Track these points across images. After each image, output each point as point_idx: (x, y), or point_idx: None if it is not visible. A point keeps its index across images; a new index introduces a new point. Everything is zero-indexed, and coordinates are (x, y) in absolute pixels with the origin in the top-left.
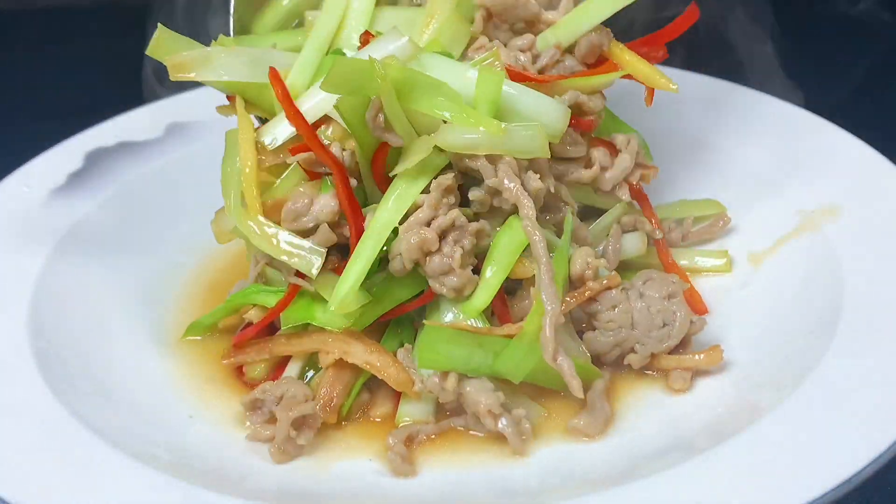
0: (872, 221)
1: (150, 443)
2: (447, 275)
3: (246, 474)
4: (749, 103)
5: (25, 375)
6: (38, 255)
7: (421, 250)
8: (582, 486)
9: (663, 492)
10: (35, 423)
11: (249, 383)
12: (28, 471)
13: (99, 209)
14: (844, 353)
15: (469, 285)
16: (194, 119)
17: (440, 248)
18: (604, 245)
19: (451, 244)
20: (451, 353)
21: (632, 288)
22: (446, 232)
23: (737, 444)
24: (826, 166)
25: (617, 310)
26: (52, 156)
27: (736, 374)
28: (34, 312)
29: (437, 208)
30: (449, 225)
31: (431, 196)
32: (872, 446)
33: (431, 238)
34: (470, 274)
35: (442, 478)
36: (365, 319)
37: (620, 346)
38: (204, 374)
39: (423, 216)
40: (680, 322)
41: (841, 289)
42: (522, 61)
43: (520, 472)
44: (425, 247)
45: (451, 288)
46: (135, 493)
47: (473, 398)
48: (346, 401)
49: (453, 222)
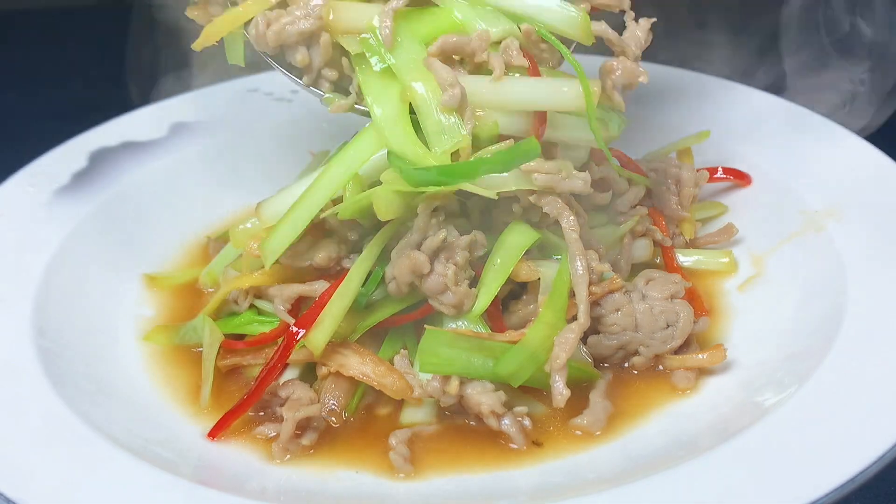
0: (876, 222)
1: (152, 441)
2: (443, 293)
3: (249, 474)
4: (752, 103)
5: (29, 374)
6: (42, 254)
7: (413, 273)
8: (584, 486)
9: (666, 491)
10: (38, 421)
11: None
12: (30, 469)
13: (103, 209)
14: (848, 353)
15: (467, 300)
16: (198, 119)
17: (433, 269)
18: (616, 253)
19: (444, 262)
20: (451, 358)
21: (634, 289)
22: (438, 252)
23: (740, 444)
24: (830, 166)
25: (620, 312)
26: (56, 155)
27: (739, 373)
28: (38, 311)
29: (426, 231)
30: (439, 245)
31: (420, 219)
32: (876, 445)
33: (423, 261)
34: (466, 289)
35: (444, 478)
36: (359, 330)
37: (625, 349)
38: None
39: (414, 239)
40: (683, 322)
41: (844, 289)
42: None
43: (521, 471)
44: (417, 270)
45: (450, 305)
46: (137, 491)
47: (475, 399)
48: (349, 402)
49: (443, 241)
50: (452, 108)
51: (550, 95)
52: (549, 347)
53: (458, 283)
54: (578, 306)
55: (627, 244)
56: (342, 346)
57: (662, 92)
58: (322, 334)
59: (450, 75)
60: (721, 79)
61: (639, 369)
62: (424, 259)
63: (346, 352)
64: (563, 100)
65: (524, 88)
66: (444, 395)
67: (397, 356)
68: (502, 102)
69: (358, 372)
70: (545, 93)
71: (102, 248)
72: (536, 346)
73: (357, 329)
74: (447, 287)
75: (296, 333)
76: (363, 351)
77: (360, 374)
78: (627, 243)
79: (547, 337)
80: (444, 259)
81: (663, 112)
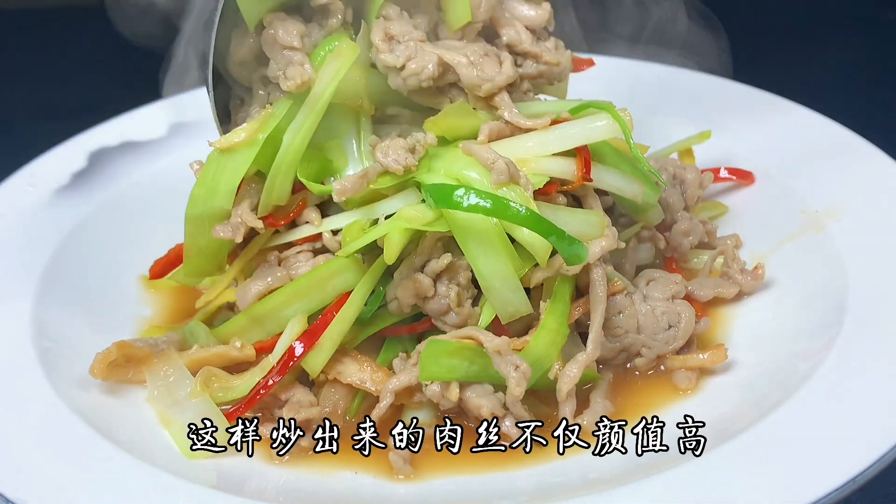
0: (877, 221)
1: (152, 442)
2: (447, 314)
3: (249, 475)
4: (752, 103)
5: (29, 374)
6: (42, 254)
7: (417, 296)
8: (584, 486)
9: (666, 491)
10: (38, 421)
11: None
12: (30, 469)
13: (102, 208)
14: (848, 353)
15: (471, 319)
16: (198, 118)
17: (436, 292)
18: (620, 256)
19: (447, 283)
20: (453, 366)
21: (635, 291)
22: (441, 275)
23: (741, 444)
24: (830, 166)
25: (622, 315)
26: (56, 155)
27: (740, 373)
28: (38, 311)
29: (429, 253)
30: (442, 269)
31: (425, 242)
32: (876, 446)
33: (427, 285)
34: (470, 309)
35: (443, 479)
36: (358, 338)
37: (627, 351)
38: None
39: (417, 262)
40: (685, 323)
41: (845, 288)
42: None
43: (521, 472)
44: (421, 293)
45: (453, 325)
46: (137, 491)
47: (475, 403)
48: (350, 405)
49: (447, 265)
50: (505, 182)
51: (588, 131)
52: (552, 354)
53: (461, 303)
54: (588, 345)
55: (633, 248)
56: (340, 354)
57: (662, 92)
58: (321, 358)
59: (490, 154)
60: (721, 79)
61: (641, 371)
62: (429, 283)
63: (344, 360)
64: (599, 132)
65: (562, 132)
66: (443, 399)
67: (396, 359)
68: (546, 150)
69: (356, 379)
70: (582, 130)
71: (102, 248)
72: (540, 354)
73: (356, 338)
74: (450, 308)
75: (294, 349)
76: (361, 358)
77: (359, 381)
78: (632, 247)
79: (550, 343)
80: (447, 280)
81: (663, 112)
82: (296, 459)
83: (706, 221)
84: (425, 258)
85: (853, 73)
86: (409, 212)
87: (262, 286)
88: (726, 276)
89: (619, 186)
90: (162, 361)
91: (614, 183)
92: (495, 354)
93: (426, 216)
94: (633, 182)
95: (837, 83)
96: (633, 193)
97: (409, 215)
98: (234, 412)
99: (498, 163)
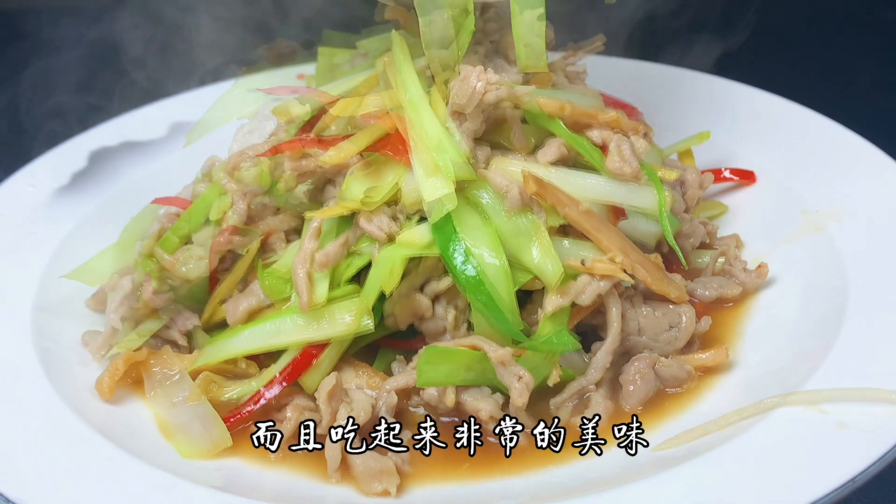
0: (877, 222)
1: (152, 442)
2: (442, 335)
3: (249, 475)
4: (752, 103)
5: (29, 374)
6: (42, 254)
7: (414, 315)
8: (585, 486)
9: (666, 491)
10: (38, 421)
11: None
12: (30, 469)
13: (103, 208)
14: (849, 353)
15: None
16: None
17: (434, 313)
18: None
19: (445, 305)
20: (450, 373)
21: (635, 293)
22: (440, 296)
23: (741, 444)
24: (831, 166)
25: (624, 318)
26: (57, 155)
27: (740, 373)
28: (38, 311)
29: (430, 273)
30: (443, 291)
31: (427, 262)
32: (876, 446)
33: (426, 305)
34: (465, 333)
35: (443, 479)
36: (354, 346)
37: (629, 353)
38: None
39: (417, 281)
40: (686, 323)
41: (845, 289)
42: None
43: (521, 472)
44: (418, 312)
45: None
46: (137, 491)
47: (473, 405)
48: None
49: (448, 288)
50: (517, 208)
51: (627, 195)
52: (551, 360)
53: (458, 326)
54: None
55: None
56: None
57: (662, 92)
58: (318, 377)
59: (503, 180)
60: (721, 79)
61: (643, 373)
62: (427, 304)
63: (341, 365)
64: (638, 201)
65: (605, 187)
66: (441, 403)
67: (394, 363)
68: (582, 196)
69: (353, 385)
70: (622, 192)
71: (102, 248)
72: (539, 361)
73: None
74: (447, 331)
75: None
76: (358, 364)
77: (355, 385)
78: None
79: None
80: (446, 302)
81: (663, 112)
82: (296, 459)
83: (706, 222)
84: (425, 277)
85: (853, 73)
86: (409, 236)
87: (253, 301)
88: (729, 275)
89: (643, 231)
90: (160, 363)
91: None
92: (499, 365)
93: (424, 238)
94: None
95: (837, 83)
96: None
97: (409, 240)
98: (236, 418)
99: (511, 191)
